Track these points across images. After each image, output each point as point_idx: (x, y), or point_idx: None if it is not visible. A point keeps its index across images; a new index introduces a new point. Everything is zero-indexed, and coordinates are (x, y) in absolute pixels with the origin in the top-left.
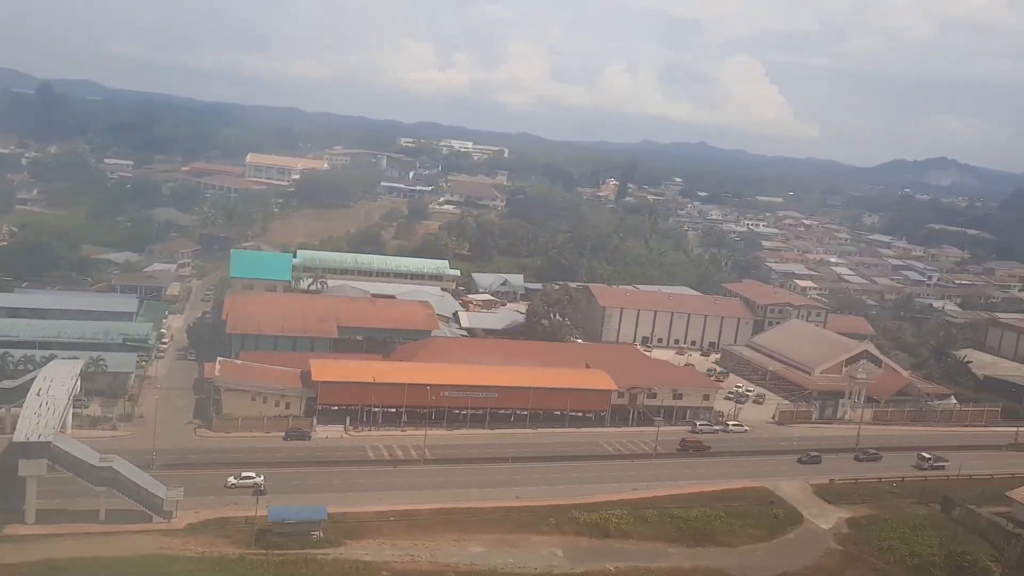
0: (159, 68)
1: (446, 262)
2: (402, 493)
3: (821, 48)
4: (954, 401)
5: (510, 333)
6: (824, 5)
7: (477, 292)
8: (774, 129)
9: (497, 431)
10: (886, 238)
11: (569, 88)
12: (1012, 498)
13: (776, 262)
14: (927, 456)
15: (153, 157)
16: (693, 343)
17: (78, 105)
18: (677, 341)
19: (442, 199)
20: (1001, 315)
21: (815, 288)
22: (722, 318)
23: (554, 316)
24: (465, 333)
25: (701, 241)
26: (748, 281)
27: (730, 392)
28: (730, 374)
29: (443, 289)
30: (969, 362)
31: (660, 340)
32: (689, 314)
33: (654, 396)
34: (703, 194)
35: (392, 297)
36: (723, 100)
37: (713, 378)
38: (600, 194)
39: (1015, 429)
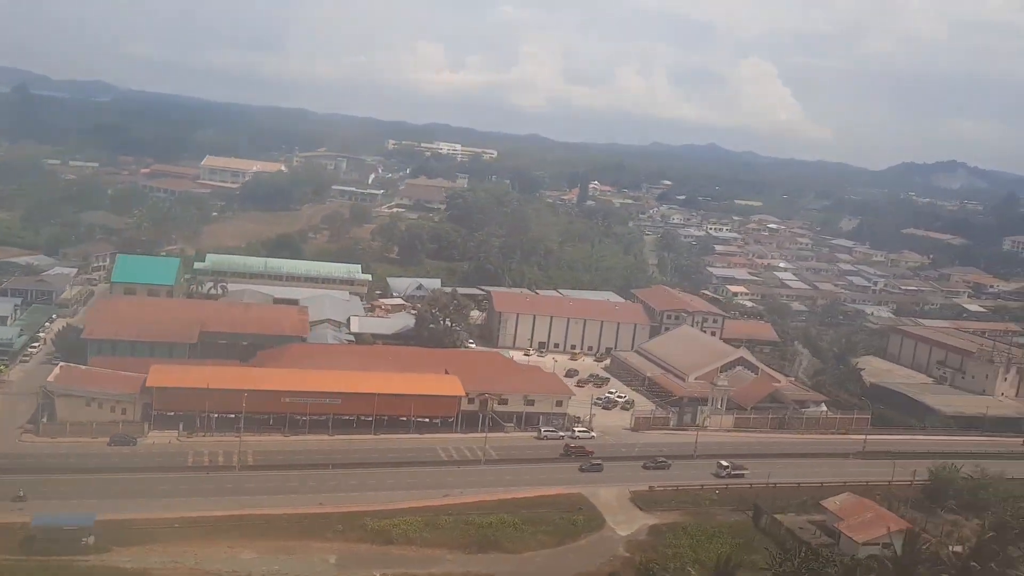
0: (176, 69)
1: (359, 266)
2: (201, 499)
3: (835, 50)
4: (824, 408)
5: (401, 338)
6: (838, 7)
7: (391, 296)
8: (786, 131)
9: (338, 437)
10: (849, 243)
11: (581, 90)
12: (825, 507)
13: (723, 267)
14: (725, 464)
15: (117, 158)
16: (590, 348)
17: (72, 105)
18: (574, 346)
19: (393, 203)
20: (926, 321)
21: (747, 293)
22: (618, 323)
23: (443, 321)
24: (353, 339)
25: (657, 245)
26: (656, 287)
27: (599, 398)
28: (611, 379)
29: (353, 293)
30: (862, 369)
31: (556, 345)
32: (585, 319)
33: (505, 402)
34: (681, 197)
35: (295, 301)
36: (735, 102)
37: (592, 384)
38: (564, 197)
39: (863, 437)
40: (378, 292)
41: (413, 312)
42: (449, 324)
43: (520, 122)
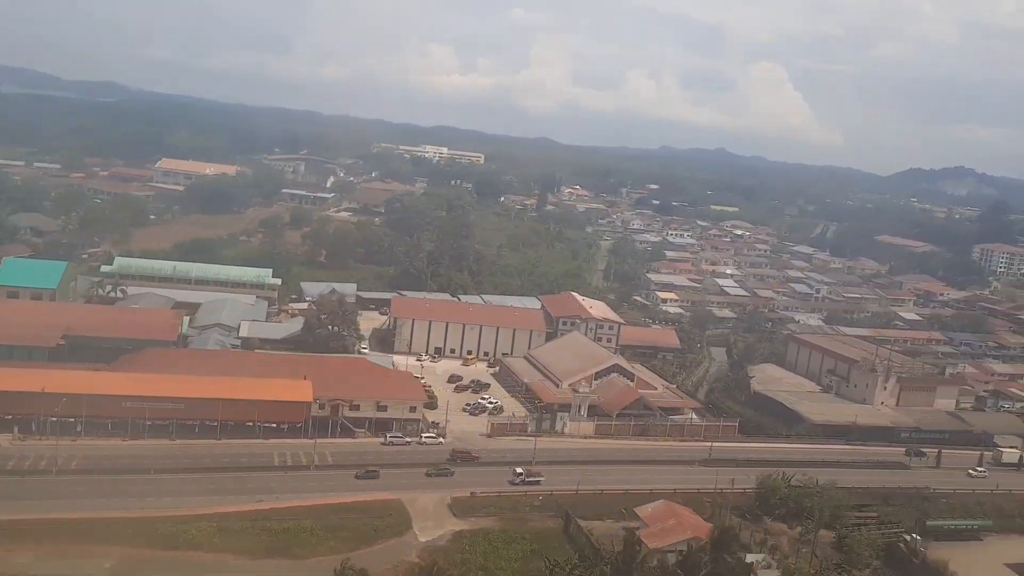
0: (191, 71)
1: (269, 271)
2: (1, 503)
3: (845, 54)
4: (692, 416)
5: (290, 343)
6: (848, 11)
7: (303, 300)
8: (796, 136)
9: (180, 442)
10: (810, 250)
11: (591, 93)
12: (638, 513)
13: (667, 273)
14: (519, 471)
15: (84, 160)
16: (486, 354)
17: (66, 106)
18: (470, 352)
19: (341, 207)
20: (848, 329)
21: (676, 300)
22: (514, 330)
23: (331, 327)
24: (238, 344)
25: (611, 250)
26: (565, 293)
27: (467, 404)
28: (491, 384)
29: (262, 297)
30: (751, 377)
31: (453, 351)
32: (481, 325)
33: (357, 408)
34: (656, 202)
35: (198, 305)
36: (745, 106)
37: (471, 389)
38: (527, 202)
39: (710, 444)
40: (293, 296)
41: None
42: (336, 329)
43: (531, 125)
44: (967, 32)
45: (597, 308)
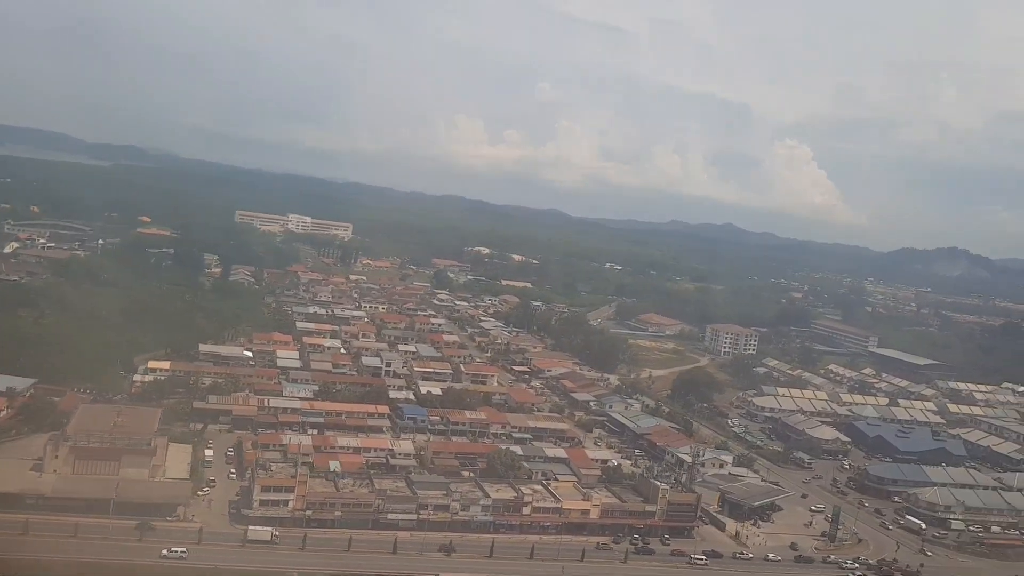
0: (223, 139)
1: None
2: None
3: (871, 136)
4: None
5: None
6: (876, 95)
7: None
8: (815, 214)
9: None
10: (498, 324)
11: (614, 167)
12: None
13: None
14: None
15: None
16: None
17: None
18: None
19: None
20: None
21: (166, 371)
22: None
23: None
24: None
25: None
26: None
27: None
28: None
29: None
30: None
31: None
32: None
33: None
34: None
35: None
36: (764, 183)
37: None
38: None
39: None
40: None
41: None
42: None
43: (549, 197)
44: (991, 118)
45: None
